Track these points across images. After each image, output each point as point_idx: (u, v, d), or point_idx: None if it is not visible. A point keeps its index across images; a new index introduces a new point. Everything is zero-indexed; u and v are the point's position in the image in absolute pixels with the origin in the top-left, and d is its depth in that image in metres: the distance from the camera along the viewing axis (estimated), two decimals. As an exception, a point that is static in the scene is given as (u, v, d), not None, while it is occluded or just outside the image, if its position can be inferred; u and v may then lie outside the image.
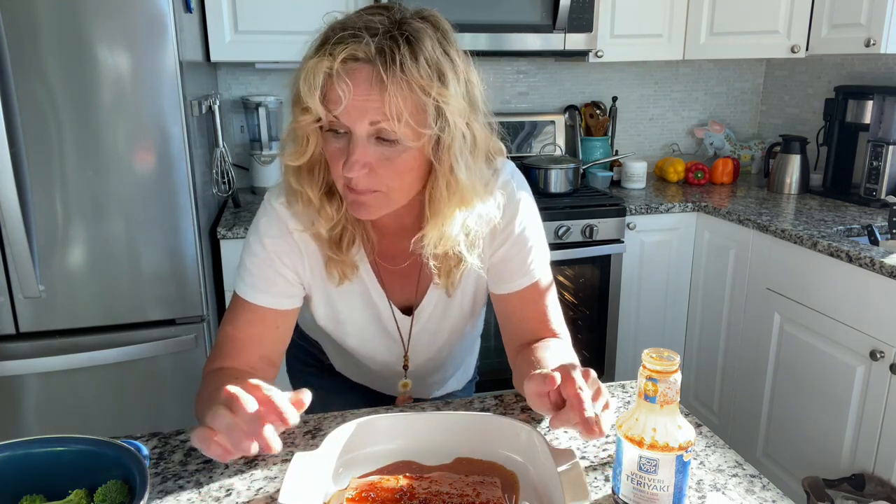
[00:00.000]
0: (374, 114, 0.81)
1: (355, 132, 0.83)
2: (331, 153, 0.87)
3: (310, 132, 0.87)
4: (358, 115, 0.81)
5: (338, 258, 0.97)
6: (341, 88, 0.80)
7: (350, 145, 0.83)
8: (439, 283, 1.01)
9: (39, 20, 1.60)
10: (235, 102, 2.58)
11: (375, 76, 0.80)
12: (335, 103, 0.81)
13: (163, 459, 0.86)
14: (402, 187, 0.89)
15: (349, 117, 0.82)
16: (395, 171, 0.86)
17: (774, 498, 0.78)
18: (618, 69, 2.89)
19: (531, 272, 1.01)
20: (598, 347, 2.47)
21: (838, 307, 1.85)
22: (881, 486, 1.72)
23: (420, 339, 1.10)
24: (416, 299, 1.06)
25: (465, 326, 1.13)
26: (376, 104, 0.80)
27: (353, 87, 0.80)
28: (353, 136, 0.83)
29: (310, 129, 0.87)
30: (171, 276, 1.83)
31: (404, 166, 0.86)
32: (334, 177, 0.89)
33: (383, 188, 0.87)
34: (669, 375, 0.70)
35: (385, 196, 0.88)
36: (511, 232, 1.00)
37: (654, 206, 2.38)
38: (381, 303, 1.04)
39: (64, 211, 1.72)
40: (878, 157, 2.26)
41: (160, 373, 1.89)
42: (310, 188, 0.92)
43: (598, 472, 0.83)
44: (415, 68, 0.80)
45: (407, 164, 0.86)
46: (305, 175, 0.92)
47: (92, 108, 1.68)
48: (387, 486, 0.75)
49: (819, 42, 2.32)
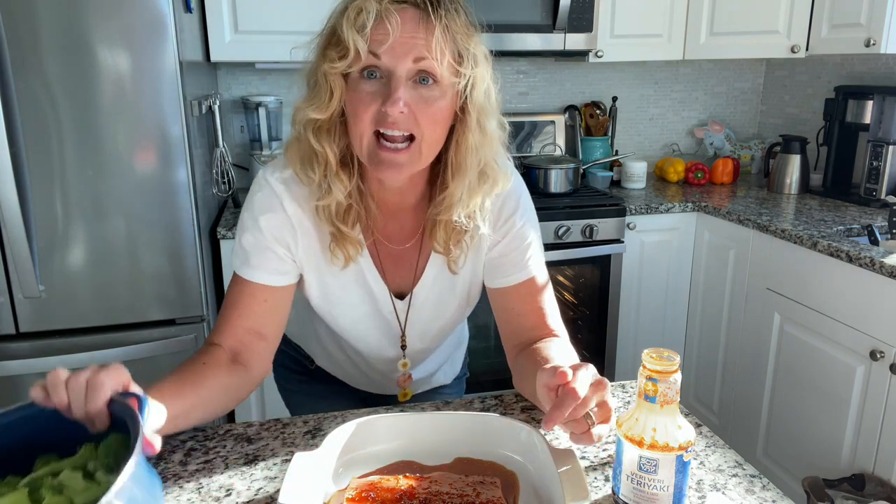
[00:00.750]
0: (421, 50, 0.84)
1: (397, 72, 0.84)
2: (360, 100, 0.87)
3: (336, 85, 0.88)
4: (402, 53, 0.84)
5: (343, 233, 0.96)
6: (391, 25, 0.83)
7: (391, 85, 0.85)
8: (441, 255, 1.01)
9: (39, 20, 1.60)
10: (235, 102, 2.58)
11: (423, 17, 0.84)
12: (379, 42, 0.83)
13: (163, 459, 0.86)
14: (432, 139, 0.90)
15: (393, 55, 0.84)
16: (432, 115, 0.87)
17: (774, 498, 0.78)
18: (618, 69, 2.89)
19: (529, 267, 1.02)
20: (598, 347, 2.47)
21: (838, 307, 1.85)
22: (881, 486, 1.72)
23: (414, 326, 1.10)
24: (413, 283, 1.05)
25: (457, 315, 1.12)
26: (422, 42, 0.84)
27: (402, 24, 0.83)
28: (393, 77, 0.85)
29: (337, 80, 0.87)
30: (171, 276, 1.83)
31: (439, 112, 0.88)
32: (359, 130, 0.88)
33: (418, 134, 0.87)
34: (669, 375, 0.70)
35: (417, 148, 0.88)
36: (512, 225, 1.01)
37: (654, 206, 2.38)
38: (376, 285, 1.03)
39: (64, 211, 1.72)
40: (878, 157, 2.26)
41: (160, 373, 1.85)
42: (330, 149, 0.92)
43: (598, 472, 0.83)
44: (456, 16, 0.87)
45: (441, 110, 0.88)
46: (325, 134, 0.91)
47: (92, 108, 1.68)
48: (387, 486, 0.75)
49: (819, 42, 2.32)
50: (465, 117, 0.91)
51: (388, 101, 0.84)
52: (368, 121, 0.86)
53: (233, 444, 0.90)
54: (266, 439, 0.91)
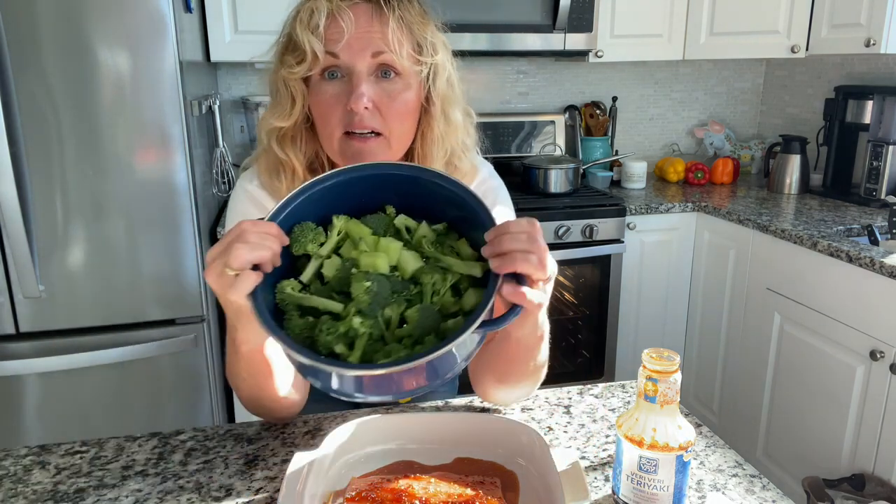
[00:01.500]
0: (378, 44, 0.83)
1: (357, 68, 0.84)
2: (325, 102, 0.86)
3: (297, 91, 0.87)
4: (360, 48, 0.83)
5: None
6: (344, 22, 0.82)
7: (353, 82, 0.84)
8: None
9: (39, 20, 1.60)
10: (235, 102, 2.58)
11: (375, 10, 0.83)
12: (335, 41, 0.83)
13: (163, 459, 0.86)
14: (401, 133, 0.90)
15: (351, 52, 0.83)
16: (397, 110, 0.87)
17: (774, 498, 0.78)
18: (618, 69, 2.89)
19: None
20: (598, 347, 2.47)
21: (838, 307, 1.85)
22: (881, 486, 1.72)
23: None
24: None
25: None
26: (378, 36, 0.83)
27: (355, 20, 0.82)
28: (354, 74, 0.84)
29: (298, 86, 0.87)
30: (170, 276, 1.83)
31: (404, 105, 0.88)
32: (328, 132, 0.88)
33: (385, 131, 0.87)
34: (669, 375, 0.70)
35: (386, 142, 0.88)
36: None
37: (654, 206, 2.38)
38: None
39: (64, 211, 1.72)
40: (878, 157, 2.26)
41: (160, 373, 1.89)
42: (294, 156, 0.91)
43: (598, 472, 0.83)
44: (409, 6, 0.86)
45: (406, 103, 0.88)
46: (289, 143, 0.91)
47: (92, 108, 1.68)
48: (387, 486, 0.75)
49: (819, 42, 2.32)
50: (430, 107, 0.91)
51: (352, 98, 0.83)
52: (336, 122, 0.86)
53: (233, 444, 0.90)
54: (266, 439, 0.91)
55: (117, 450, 0.89)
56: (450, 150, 0.94)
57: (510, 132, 2.72)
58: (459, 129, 0.94)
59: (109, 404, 1.87)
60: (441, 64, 0.89)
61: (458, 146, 0.95)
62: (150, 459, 0.86)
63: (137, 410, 1.89)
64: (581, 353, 2.50)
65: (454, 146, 0.94)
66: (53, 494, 0.79)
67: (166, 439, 0.91)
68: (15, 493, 0.80)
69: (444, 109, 0.91)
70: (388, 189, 0.75)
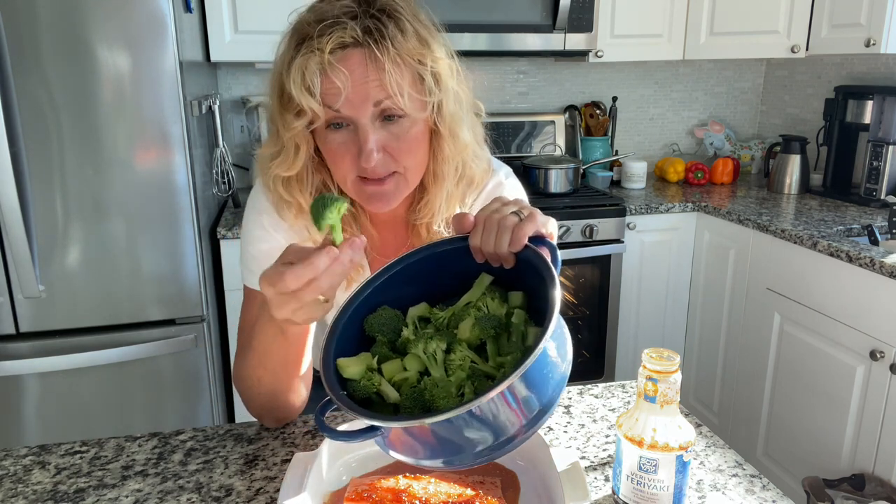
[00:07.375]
0: (377, 93, 0.80)
1: (360, 120, 0.81)
2: (334, 151, 0.85)
3: (301, 139, 0.85)
4: (360, 101, 0.80)
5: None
6: (339, 79, 0.78)
7: (360, 135, 0.82)
8: None
9: (39, 20, 1.60)
10: (235, 102, 2.58)
11: (370, 57, 0.79)
12: (333, 97, 0.79)
13: (163, 459, 0.86)
14: (416, 165, 0.88)
15: (351, 106, 0.80)
16: (408, 148, 0.85)
17: (774, 498, 0.78)
18: (618, 69, 2.89)
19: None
20: (598, 347, 2.47)
21: (838, 307, 1.85)
22: (881, 486, 1.72)
23: None
24: None
25: None
26: (376, 84, 0.80)
27: (350, 73, 0.78)
28: (359, 126, 0.82)
29: (301, 134, 0.84)
30: (171, 276, 1.83)
31: (415, 141, 0.86)
32: (341, 175, 0.87)
33: (400, 169, 0.86)
34: (669, 375, 0.70)
35: (403, 178, 0.87)
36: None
37: (654, 206, 2.38)
38: None
39: (64, 211, 1.72)
40: (878, 157, 2.26)
41: (160, 373, 1.89)
42: (301, 196, 0.90)
43: (598, 472, 0.83)
44: (405, 41, 0.81)
45: (416, 138, 0.86)
46: (295, 184, 0.90)
47: (92, 108, 1.68)
48: (387, 486, 0.75)
49: (819, 42, 2.33)
50: (439, 129, 0.88)
51: (362, 157, 0.82)
52: (349, 168, 0.85)
53: (233, 444, 0.90)
54: (266, 439, 0.91)
55: (117, 450, 0.89)
56: (461, 164, 0.93)
57: (510, 132, 2.72)
58: (469, 143, 0.92)
59: (109, 404, 1.87)
60: (446, 90, 0.85)
61: (469, 159, 0.93)
62: (150, 459, 0.86)
63: (137, 410, 1.89)
64: (581, 353, 2.50)
65: (465, 159, 0.93)
66: (53, 494, 0.79)
67: (166, 439, 0.91)
68: (15, 493, 0.80)
69: (453, 129, 0.89)
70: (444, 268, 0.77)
